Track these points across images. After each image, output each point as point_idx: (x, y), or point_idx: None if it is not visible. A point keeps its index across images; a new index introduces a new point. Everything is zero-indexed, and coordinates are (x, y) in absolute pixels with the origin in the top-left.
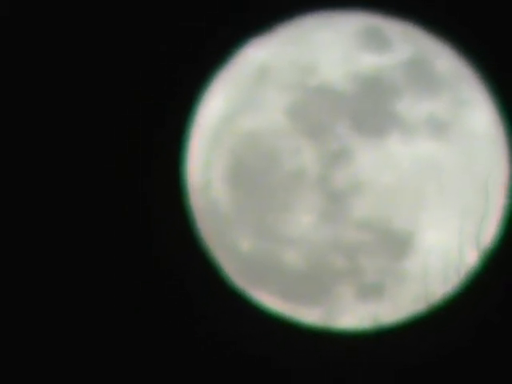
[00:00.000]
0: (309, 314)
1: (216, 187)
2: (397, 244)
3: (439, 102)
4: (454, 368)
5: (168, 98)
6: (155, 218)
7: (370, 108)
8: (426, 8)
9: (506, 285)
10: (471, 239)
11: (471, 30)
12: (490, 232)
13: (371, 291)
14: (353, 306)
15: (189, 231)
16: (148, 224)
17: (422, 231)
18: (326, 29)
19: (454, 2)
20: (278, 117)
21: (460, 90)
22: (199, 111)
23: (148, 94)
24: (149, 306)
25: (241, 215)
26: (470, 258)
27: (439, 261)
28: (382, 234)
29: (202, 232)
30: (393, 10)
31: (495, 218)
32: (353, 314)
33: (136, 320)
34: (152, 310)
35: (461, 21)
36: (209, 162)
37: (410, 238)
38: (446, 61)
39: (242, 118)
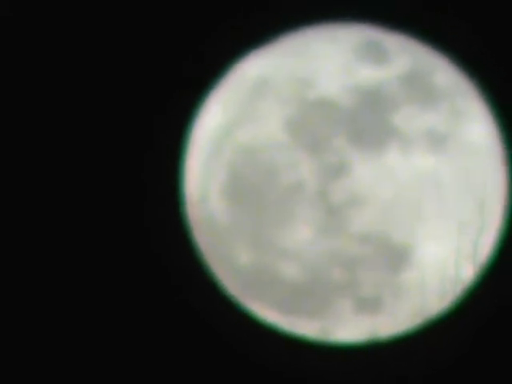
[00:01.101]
0: (306, 327)
1: (214, 200)
2: (395, 257)
3: (438, 114)
4: (450, 382)
5: (166, 110)
6: (152, 230)
7: (369, 121)
8: (424, 21)
9: (502, 300)
10: (468, 254)
11: (469, 43)
12: (487, 247)
13: (369, 304)
14: (350, 319)
15: (186, 244)
16: (145, 236)
17: (420, 245)
18: (324, 41)
19: (452, 15)
20: (276, 130)
21: (458, 103)
22: (197, 124)
23: (146, 106)
24: (145, 316)
25: (239, 228)
26: (466, 273)
27: (436, 275)
28: (381, 248)
29: (199, 245)
30: (391, 23)
31: (493, 233)
32: (350, 328)
33: (132, 330)
34: (148, 322)
35: (459, 33)
36: (207, 175)
37: (408, 251)
38: (444, 73)
39: (239, 131)
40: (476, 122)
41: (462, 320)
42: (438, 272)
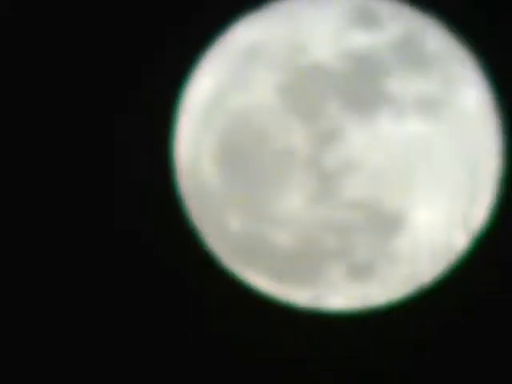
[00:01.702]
0: (298, 295)
1: (205, 167)
2: (387, 224)
3: (431, 81)
4: (444, 351)
5: (155, 78)
6: (143, 198)
7: (361, 87)
8: None
9: (495, 269)
10: (461, 222)
11: (462, 7)
12: (480, 215)
13: (361, 271)
14: (342, 287)
15: (177, 212)
16: (136, 205)
17: (412, 211)
18: (316, 7)
19: None
20: (267, 96)
21: (452, 69)
22: (187, 91)
23: (134, 74)
24: (136, 287)
25: (229, 195)
26: (459, 241)
27: (428, 242)
28: (373, 214)
29: (190, 212)
30: None
31: (486, 201)
32: (343, 295)
33: (124, 304)
34: (140, 292)
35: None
36: (197, 142)
37: (401, 218)
38: (437, 39)
39: (231, 98)
40: (470, 88)
41: (454, 288)
42: (430, 239)
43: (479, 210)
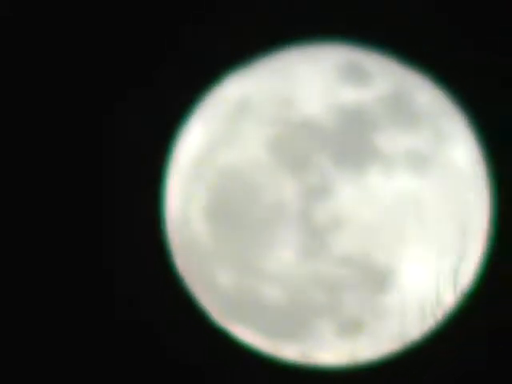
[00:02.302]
0: (288, 350)
1: (195, 222)
2: (377, 280)
3: (420, 136)
4: None
5: (146, 133)
6: (133, 253)
7: (351, 142)
8: (407, 42)
9: (482, 326)
10: (450, 278)
11: (451, 64)
12: (469, 272)
13: (350, 327)
14: (332, 342)
15: (167, 267)
16: (126, 258)
17: (401, 267)
18: (306, 62)
19: (435, 36)
20: (258, 151)
21: (441, 125)
22: (178, 146)
23: (126, 129)
24: (126, 343)
25: (220, 250)
26: (447, 298)
27: (417, 299)
28: (362, 270)
29: (180, 268)
30: (373, 44)
31: (475, 258)
32: (332, 350)
33: (114, 360)
34: (129, 347)
35: (441, 54)
36: (188, 197)
37: (390, 273)
38: (426, 95)
39: (221, 152)
40: (459, 144)
41: (442, 345)
42: (419, 296)
43: (468, 267)
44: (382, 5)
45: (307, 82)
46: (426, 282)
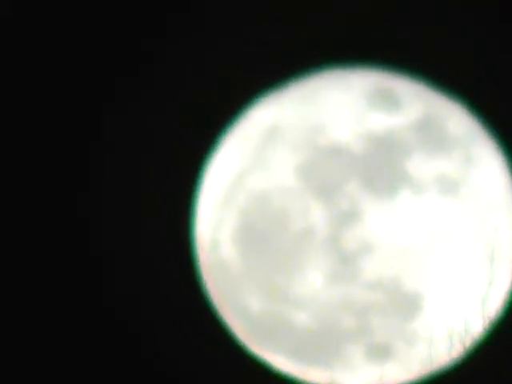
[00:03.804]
0: (317, 375)
1: (225, 246)
2: (406, 305)
3: (450, 161)
4: None
5: (178, 157)
6: (164, 277)
7: (381, 168)
8: (437, 67)
9: (510, 355)
10: (478, 305)
11: (481, 90)
12: (497, 299)
13: (380, 352)
14: (360, 367)
15: (197, 291)
16: (157, 282)
17: (430, 293)
18: (336, 88)
19: (465, 62)
20: (288, 176)
21: (471, 150)
22: (209, 170)
23: (158, 152)
24: (155, 364)
25: (250, 275)
26: (475, 326)
27: (446, 325)
28: (392, 295)
29: (210, 292)
30: (403, 69)
31: (503, 285)
32: (361, 375)
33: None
34: (158, 369)
35: (471, 80)
36: (218, 222)
37: (419, 299)
38: (456, 120)
39: (252, 178)
40: (488, 169)
41: (469, 372)
42: (447, 322)
43: (496, 295)
44: (413, 29)
45: (337, 107)
46: (455, 307)
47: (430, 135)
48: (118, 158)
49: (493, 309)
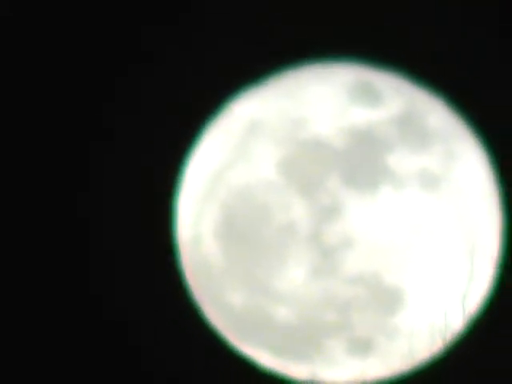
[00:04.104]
0: (298, 369)
1: (206, 241)
2: (387, 299)
3: (431, 156)
4: None
5: (158, 151)
6: (144, 272)
7: (362, 162)
8: (417, 62)
9: (490, 350)
10: (458, 300)
11: (462, 84)
12: (478, 294)
13: (361, 347)
14: (343, 361)
15: (179, 286)
16: (137, 278)
17: (411, 287)
18: (317, 82)
19: (445, 57)
20: (269, 171)
21: (451, 144)
22: (190, 165)
23: (139, 147)
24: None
25: (232, 270)
26: (457, 319)
27: (426, 320)
28: (373, 290)
29: (192, 287)
30: (385, 64)
31: (484, 280)
32: (342, 369)
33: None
34: (142, 364)
35: (452, 74)
36: (200, 216)
37: (401, 293)
38: (437, 115)
39: (233, 172)
40: (469, 164)
41: (449, 368)
42: (428, 316)
43: (477, 290)
44: (394, 24)
45: (318, 102)
46: (436, 302)
47: (411, 130)
48: (118, 158)
49: (473, 304)
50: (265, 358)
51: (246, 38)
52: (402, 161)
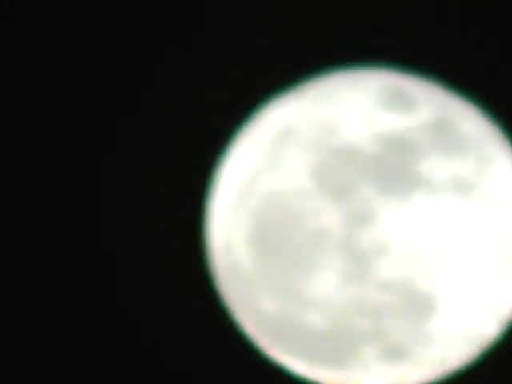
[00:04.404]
0: (332, 377)
1: (238, 248)
2: (420, 306)
3: (464, 163)
4: None
5: (190, 158)
6: (177, 280)
7: (395, 169)
8: (452, 68)
9: None
10: (493, 306)
11: (496, 91)
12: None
13: (394, 353)
14: (375, 369)
15: (211, 293)
16: (169, 285)
17: (445, 294)
18: (349, 88)
19: (479, 63)
20: (301, 177)
21: (485, 152)
22: (221, 172)
23: (171, 154)
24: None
25: (263, 276)
26: (490, 326)
27: (460, 325)
28: (406, 296)
29: (224, 294)
30: (418, 69)
31: None
32: (376, 377)
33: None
34: (169, 371)
35: (486, 81)
36: (232, 223)
37: (434, 300)
38: (471, 121)
39: (264, 179)
40: (503, 171)
41: (483, 376)
42: (461, 322)
43: (511, 296)
44: (427, 29)
45: (350, 108)
46: (469, 309)
47: (444, 137)
48: (122, 159)
49: (507, 311)
50: (297, 365)
51: (278, 44)
52: (435, 167)
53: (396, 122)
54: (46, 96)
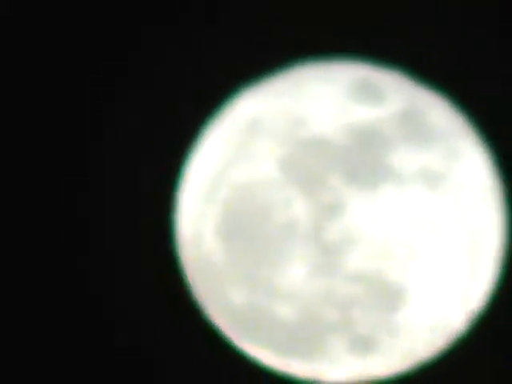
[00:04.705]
0: (299, 368)
1: (207, 240)
2: (389, 298)
3: (433, 154)
4: None
5: (158, 150)
6: (144, 270)
7: (363, 160)
8: (420, 59)
9: (494, 351)
10: (461, 298)
11: (465, 81)
12: (480, 292)
13: (363, 345)
14: (343, 360)
15: (179, 284)
16: (137, 277)
17: (413, 286)
18: (318, 80)
19: (448, 54)
20: (270, 169)
21: (454, 142)
22: (190, 163)
23: (139, 145)
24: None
25: (232, 268)
26: (459, 317)
27: (428, 318)
28: (375, 287)
29: (192, 285)
30: (386, 61)
31: (487, 279)
32: (344, 368)
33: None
34: (138, 363)
35: (455, 72)
36: (200, 215)
37: (403, 291)
38: (440, 112)
39: (234, 171)
40: (472, 162)
41: (451, 366)
42: (430, 315)
43: (479, 288)
44: (395, 20)
45: (319, 99)
46: (438, 301)
47: (413, 127)
48: (122, 159)
49: (475, 302)
50: (266, 357)
51: (245, 33)
52: (404, 158)
53: (365, 114)
54: (46, 96)
